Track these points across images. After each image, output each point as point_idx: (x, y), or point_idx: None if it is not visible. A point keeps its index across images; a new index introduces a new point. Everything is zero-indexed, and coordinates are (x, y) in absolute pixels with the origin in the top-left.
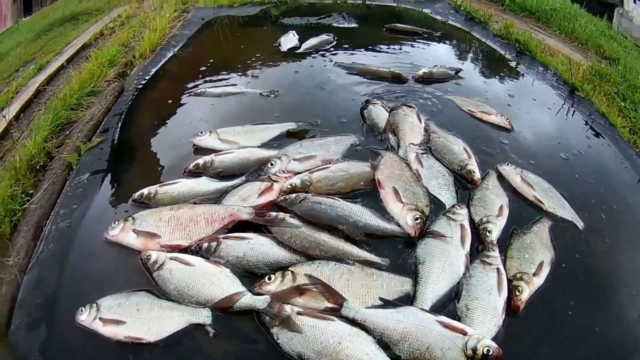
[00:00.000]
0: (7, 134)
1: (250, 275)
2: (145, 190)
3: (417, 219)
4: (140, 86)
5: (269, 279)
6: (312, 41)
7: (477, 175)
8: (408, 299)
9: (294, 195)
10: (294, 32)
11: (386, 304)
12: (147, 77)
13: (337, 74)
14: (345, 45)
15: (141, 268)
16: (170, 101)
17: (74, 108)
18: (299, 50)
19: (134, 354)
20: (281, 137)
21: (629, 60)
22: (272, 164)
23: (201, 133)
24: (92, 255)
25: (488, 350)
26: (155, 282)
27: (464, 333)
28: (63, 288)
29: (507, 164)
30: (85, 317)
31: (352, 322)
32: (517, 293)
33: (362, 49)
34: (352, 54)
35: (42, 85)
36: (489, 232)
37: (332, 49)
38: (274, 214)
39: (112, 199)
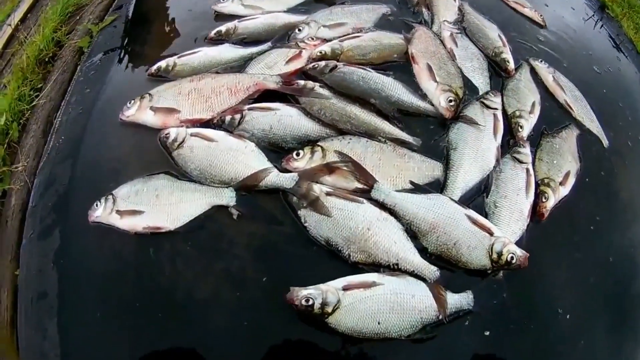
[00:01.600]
0: (14, 39)
1: (277, 149)
2: (162, 63)
3: (451, 100)
4: None
5: (297, 154)
6: None
7: (512, 65)
8: (438, 185)
9: (323, 63)
10: None
11: (417, 188)
12: None
13: None
14: None
15: (160, 149)
16: None
17: None
18: None
19: (154, 245)
20: (309, 2)
21: None
22: (299, 30)
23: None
24: (108, 141)
25: (512, 258)
26: (175, 162)
27: (491, 233)
28: (76, 183)
29: (541, 61)
30: (101, 211)
31: (381, 205)
32: (544, 200)
33: None
34: None
35: None
36: (521, 127)
37: None
38: (302, 82)
39: (128, 76)
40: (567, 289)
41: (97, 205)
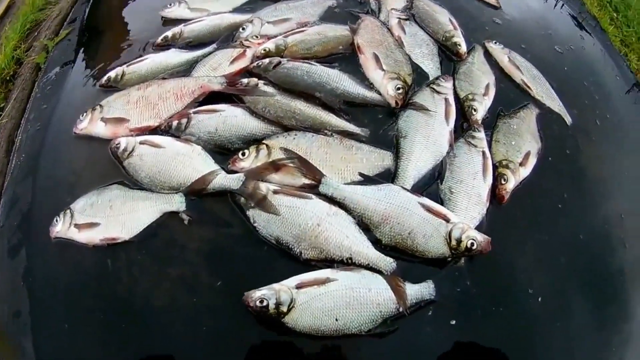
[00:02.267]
0: None
1: (224, 151)
2: (112, 73)
3: (399, 88)
4: None
5: (243, 154)
6: None
7: (463, 48)
8: (389, 175)
9: (267, 60)
10: None
11: (366, 180)
12: None
13: None
14: None
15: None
16: None
17: (42, 8)
18: None
19: (111, 257)
20: (254, 0)
21: None
22: (243, 29)
23: (170, 4)
24: (64, 156)
25: (472, 243)
26: (127, 171)
27: (447, 220)
28: (38, 200)
29: (495, 42)
30: (60, 227)
31: (331, 200)
32: (503, 182)
33: None
34: None
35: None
36: (475, 110)
37: None
38: (246, 81)
39: (82, 89)
40: (536, 271)
41: (56, 220)
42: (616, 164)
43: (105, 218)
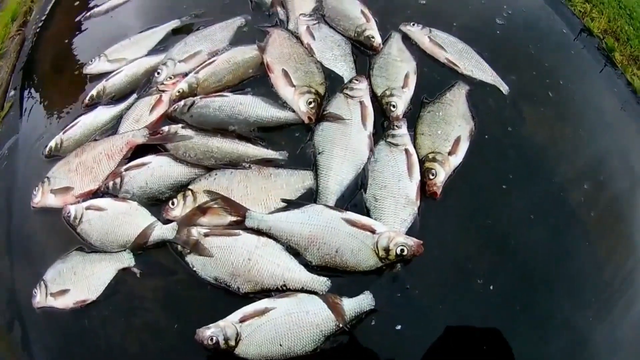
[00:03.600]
0: None
1: (157, 202)
2: (52, 143)
3: (310, 102)
4: (37, 30)
5: (172, 203)
6: None
7: (377, 40)
8: (312, 195)
9: (182, 103)
10: None
11: (289, 204)
12: (44, 18)
13: None
14: None
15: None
16: (65, 35)
17: None
18: None
19: (87, 317)
20: (167, 38)
21: None
22: (158, 73)
23: (91, 61)
24: (30, 230)
25: (402, 250)
26: (81, 237)
27: (373, 231)
28: (17, 276)
29: (413, 24)
30: (39, 298)
31: (258, 231)
32: (431, 177)
33: None
34: None
35: None
36: (394, 106)
37: None
38: (166, 128)
39: (32, 161)
40: (483, 259)
41: (35, 293)
42: (566, 124)
43: (73, 284)
